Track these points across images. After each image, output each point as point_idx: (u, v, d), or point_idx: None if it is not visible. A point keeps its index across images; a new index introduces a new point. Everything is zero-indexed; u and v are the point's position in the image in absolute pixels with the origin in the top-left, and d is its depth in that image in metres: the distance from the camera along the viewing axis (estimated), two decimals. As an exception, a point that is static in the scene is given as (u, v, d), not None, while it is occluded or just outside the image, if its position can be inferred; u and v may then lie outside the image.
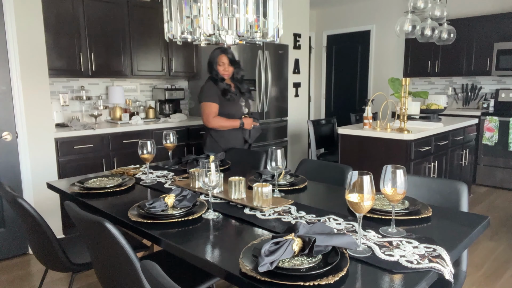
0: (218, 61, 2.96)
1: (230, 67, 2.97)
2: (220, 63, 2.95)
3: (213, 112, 2.94)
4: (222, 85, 2.95)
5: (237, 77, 3.06)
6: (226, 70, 2.96)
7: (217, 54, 2.97)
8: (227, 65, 2.96)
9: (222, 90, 2.94)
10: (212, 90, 2.95)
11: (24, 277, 2.80)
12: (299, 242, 1.13)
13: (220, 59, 2.95)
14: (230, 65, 2.96)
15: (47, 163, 3.18)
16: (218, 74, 2.96)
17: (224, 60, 2.95)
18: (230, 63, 2.96)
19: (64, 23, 3.46)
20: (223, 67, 2.95)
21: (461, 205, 1.74)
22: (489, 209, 4.22)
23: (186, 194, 1.63)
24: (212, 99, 2.93)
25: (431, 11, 3.93)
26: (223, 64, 2.95)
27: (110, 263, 1.45)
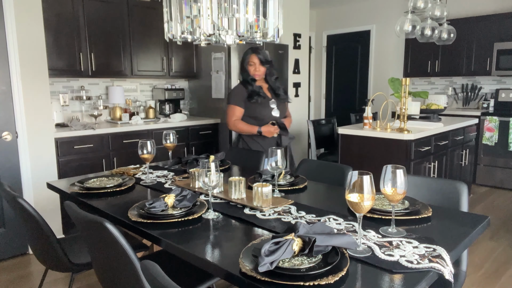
0: (249, 61, 2.83)
1: (261, 67, 2.82)
2: (251, 63, 2.83)
3: (235, 115, 2.84)
4: (251, 88, 2.82)
5: (270, 78, 2.91)
6: (257, 70, 2.82)
7: (248, 54, 2.84)
8: (258, 65, 2.82)
9: (249, 93, 2.81)
10: (239, 93, 2.85)
11: (24, 277, 2.80)
12: (299, 242, 1.13)
13: (251, 59, 2.82)
14: (262, 65, 2.82)
15: (47, 163, 3.18)
16: (249, 75, 2.84)
17: (254, 60, 2.81)
18: (262, 63, 2.82)
19: (64, 23, 3.46)
20: (254, 67, 2.82)
21: (461, 205, 1.74)
22: (489, 209, 4.22)
23: (186, 194, 1.63)
24: (237, 102, 2.83)
25: (431, 11, 3.93)
26: (254, 64, 2.82)
27: (110, 263, 1.45)
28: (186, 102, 4.84)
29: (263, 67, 2.83)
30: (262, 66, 2.82)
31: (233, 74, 4.27)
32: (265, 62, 2.82)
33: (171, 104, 4.51)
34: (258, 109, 2.81)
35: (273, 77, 2.92)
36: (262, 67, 2.83)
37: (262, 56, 2.82)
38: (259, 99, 2.80)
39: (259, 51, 2.82)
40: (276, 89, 2.92)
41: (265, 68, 2.84)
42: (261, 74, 2.85)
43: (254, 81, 2.84)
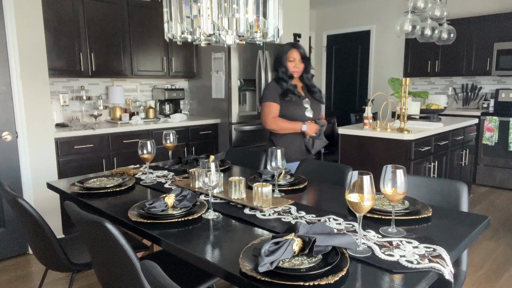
0: (288, 56, 2.65)
1: (301, 63, 2.66)
2: (291, 58, 2.65)
3: (272, 112, 2.66)
4: (285, 85, 2.65)
5: (306, 76, 2.75)
6: (297, 66, 2.65)
7: (288, 49, 2.66)
8: (299, 61, 2.65)
9: (283, 90, 2.64)
10: (273, 90, 2.68)
11: (24, 277, 2.80)
12: (299, 242, 1.13)
13: (291, 54, 2.64)
14: (302, 61, 2.66)
15: (47, 163, 3.18)
16: (287, 71, 2.65)
17: (295, 55, 2.64)
18: (302, 59, 2.65)
19: (64, 23, 3.46)
20: (294, 63, 2.65)
21: (461, 205, 1.74)
22: (489, 209, 4.22)
23: (186, 194, 1.63)
24: (272, 99, 2.66)
25: (431, 11, 3.93)
26: (294, 60, 2.64)
27: (110, 263, 1.45)
28: (186, 102, 4.84)
29: (303, 64, 2.68)
30: (302, 62, 2.67)
31: (233, 74, 4.27)
32: (305, 58, 2.68)
33: (171, 104, 4.51)
34: (291, 108, 2.65)
35: (309, 74, 2.76)
36: (302, 63, 2.67)
37: (303, 51, 2.67)
38: (293, 97, 2.63)
39: (300, 46, 2.67)
40: (312, 87, 2.76)
41: (304, 65, 2.69)
42: (300, 70, 2.69)
43: (291, 78, 2.68)
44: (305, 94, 2.73)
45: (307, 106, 2.68)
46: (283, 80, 2.66)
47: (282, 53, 2.67)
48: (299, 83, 2.75)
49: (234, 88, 4.31)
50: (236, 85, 4.33)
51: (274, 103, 2.65)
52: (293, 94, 2.64)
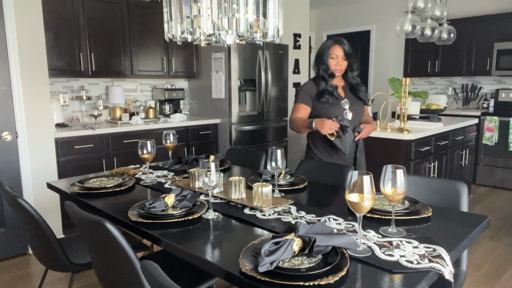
0: (330, 53, 2.43)
1: (344, 61, 2.44)
2: (333, 55, 2.43)
3: (296, 112, 2.48)
4: (323, 85, 2.44)
5: (351, 74, 2.51)
6: (340, 64, 2.43)
7: (330, 45, 2.44)
8: (341, 59, 2.43)
9: (320, 91, 2.44)
10: (307, 90, 2.49)
11: (24, 277, 2.80)
12: (299, 242, 1.13)
13: (333, 51, 2.42)
14: (345, 58, 2.44)
15: (47, 163, 3.18)
16: (328, 69, 2.43)
17: (338, 52, 2.42)
18: (345, 56, 2.43)
19: (64, 23, 3.46)
20: (336, 61, 2.43)
21: (461, 205, 1.74)
22: (489, 209, 4.22)
23: (186, 194, 1.63)
24: (302, 100, 2.48)
25: (431, 11, 3.93)
26: (337, 57, 2.42)
27: (110, 263, 1.45)
28: (186, 102, 4.84)
29: (346, 61, 2.46)
30: (346, 59, 2.45)
31: (233, 74, 4.28)
32: (349, 56, 2.45)
33: (171, 104, 4.51)
34: (328, 109, 2.44)
35: (354, 72, 2.52)
36: (345, 61, 2.45)
37: (348, 48, 2.44)
38: (330, 98, 2.42)
39: (344, 42, 2.44)
40: (355, 86, 2.52)
41: (347, 62, 2.46)
42: (343, 69, 2.47)
43: (332, 76, 2.46)
44: (346, 95, 2.50)
45: (346, 108, 2.45)
46: (323, 79, 2.46)
47: (323, 49, 2.46)
48: (341, 82, 2.54)
49: (234, 88, 4.31)
50: (236, 85, 4.33)
51: (302, 104, 2.48)
52: (330, 95, 2.42)
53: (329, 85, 2.44)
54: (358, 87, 2.52)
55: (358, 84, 2.53)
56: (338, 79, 2.52)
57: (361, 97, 2.52)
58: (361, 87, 2.54)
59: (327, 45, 2.46)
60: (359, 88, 2.53)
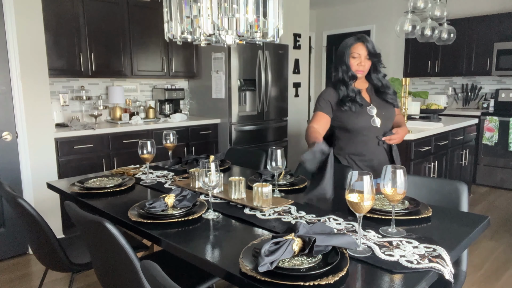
0: (351, 52, 2.16)
1: (367, 61, 2.17)
2: (354, 54, 2.16)
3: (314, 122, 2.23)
4: (343, 91, 2.18)
5: (376, 75, 2.23)
6: (362, 64, 2.16)
7: (351, 43, 2.18)
8: (364, 58, 2.16)
9: (341, 98, 2.17)
10: (326, 97, 2.23)
11: (24, 277, 2.80)
12: (299, 242, 1.13)
13: (355, 49, 2.15)
14: (369, 58, 2.17)
15: (47, 163, 3.18)
16: (349, 70, 2.17)
17: (360, 50, 2.15)
18: (369, 56, 2.16)
19: (64, 23, 3.46)
20: (358, 60, 2.16)
21: (461, 205, 1.74)
22: (489, 209, 4.22)
23: (186, 194, 1.63)
24: (321, 108, 2.23)
25: (431, 11, 3.93)
26: (359, 56, 2.15)
27: (110, 263, 1.45)
28: (186, 102, 4.84)
29: (370, 61, 2.18)
30: (369, 59, 2.18)
31: (233, 74, 4.28)
32: (373, 55, 2.17)
33: (171, 104, 4.51)
34: (350, 118, 2.17)
35: (379, 74, 2.24)
36: (369, 61, 2.18)
37: (371, 46, 2.16)
38: (353, 106, 2.15)
39: (367, 40, 2.17)
40: (382, 89, 2.23)
41: (371, 62, 2.19)
42: (366, 69, 2.20)
43: (353, 79, 2.19)
44: (371, 98, 2.23)
45: (373, 114, 2.18)
46: (343, 83, 2.19)
47: (344, 48, 2.20)
48: (365, 84, 2.27)
49: (234, 88, 4.31)
50: (236, 85, 4.33)
51: (321, 112, 2.23)
52: (352, 101, 2.15)
53: (351, 90, 2.17)
54: (385, 89, 2.23)
55: (384, 85, 2.24)
56: (361, 81, 2.25)
57: (389, 101, 2.23)
58: (388, 89, 2.24)
59: (348, 43, 2.19)
60: (386, 90, 2.23)
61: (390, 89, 2.24)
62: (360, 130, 2.19)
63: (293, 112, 5.34)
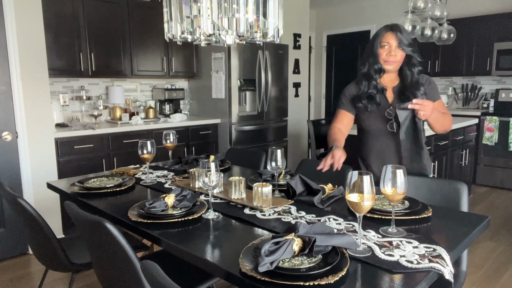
0: (381, 41, 1.93)
1: (399, 50, 1.91)
2: (383, 43, 1.92)
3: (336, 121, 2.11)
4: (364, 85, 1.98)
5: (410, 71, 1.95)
6: (392, 55, 1.91)
7: (381, 32, 1.94)
8: (395, 48, 1.90)
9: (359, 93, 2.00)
10: (347, 93, 2.09)
11: (24, 277, 2.80)
12: (299, 242, 1.13)
13: (384, 38, 1.92)
14: (400, 48, 1.90)
15: (47, 163, 3.18)
16: (376, 61, 1.94)
17: (390, 39, 1.90)
18: (401, 46, 1.90)
19: (64, 23, 3.46)
20: (388, 50, 1.91)
21: (461, 205, 1.74)
22: (489, 209, 4.22)
23: (186, 194, 1.63)
24: (342, 105, 2.10)
25: (431, 11, 3.93)
26: (389, 45, 1.91)
27: (110, 263, 1.45)
28: (186, 102, 4.84)
29: (402, 52, 1.92)
30: (400, 51, 1.92)
31: (233, 74, 4.28)
32: (407, 45, 1.91)
33: (171, 104, 4.51)
34: (365, 118, 2.02)
35: (413, 68, 1.95)
36: (400, 52, 1.92)
37: (404, 36, 1.91)
38: (368, 104, 1.95)
39: (399, 29, 1.92)
40: (410, 87, 1.94)
41: (403, 54, 1.93)
42: (397, 61, 1.93)
43: (380, 72, 1.96)
44: (396, 99, 1.97)
45: (390, 118, 1.96)
46: (366, 78, 1.98)
47: (374, 38, 1.96)
48: (395, 81, 2.01)
49: (234, 88, 4.31)
50: (236, 85, 4.33)
51: (342, 110, 2.11)
52: (369, 99, 1.95)
53: (373, 86, 1.95)
54: (412, 89, 1.92)
55: (413, 83, 1.94)
56: (391, 77, 2.00)
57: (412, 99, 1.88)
58: (417, 88, 1.92)
59: (379, 32, 1.96)
60: (414, 90, 1.92)
61: (420, 89, 1.92)
62: (376, 133, 2.01)
63: (293, 112, 5.34)
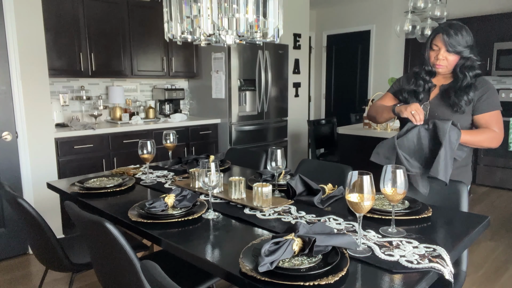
0: (432, 43, 1.88)
1: (450, 55, 1.84)
2: (434, 46, 1.88)
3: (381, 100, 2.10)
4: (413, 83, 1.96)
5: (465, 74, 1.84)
6: (440, 59, 1.85)
7: (433, 34, 1.90)
8: (444, 52, 1.84)
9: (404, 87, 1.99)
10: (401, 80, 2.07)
11: (24, 277, 2.80)
12: (299, 242, 1.13)
13: (435, 41, 1.86)
14: (450, 52, 1.83)
15: (47, 163, 3.18)
16: (426, 64, 1.91)
17: (439, 42, 1.84)
18: (450, 50, 1.82)
19: (64, 23, 3.46)
20: (436, 54, 1.87)
21: (461, 205, 1.74)
22: (489, 209, 4.22)
23: (186, 194, 1.63)
24: (392, 89, 2.09)
25: (431, 11, 3.94)
26: (438, 48, 1.86)
27: (110, 263, 1.45)
28: (186, 102, 4.85)
29: (453, 56, 1.84)
30: (451, 54, 1.84)
31: (233, 74, 4.28)
32: (460, 48, 1.83)
33: (171, 104, 4.51)
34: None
35: (469, 72, 1.85)
36: (451, 55, 1.84)
37: (454, 40, 1.82)
38: (409, 97, 1.94)
39: (452, 31, 1.83)
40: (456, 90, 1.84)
41: (456, 58, 1.85)
42: (446, 66, 1.87)
43: (430, 74, 1.93)
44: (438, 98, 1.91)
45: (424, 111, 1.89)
46: (416, 77, 1.96)
47: (428, 39, 1.92)
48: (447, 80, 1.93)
49: (234, 88, 4.31)
50: (236, 85, 4.33)
51: (390, 93, 2.08)
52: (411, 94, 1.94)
53: (419, 84, 1.93)
54: (457, 92, 1.83)
55: (464, 88, 1.83)
56: (446, 76, 1.94)
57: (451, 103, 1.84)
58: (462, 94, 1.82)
59: (432, 33, 1.92)
60: (458, 94, 1.83)
61: (469, 94, 1.82)
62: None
63: (293, 112, 5.34)
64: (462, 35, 1.85)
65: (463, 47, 1.84)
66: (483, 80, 1.91)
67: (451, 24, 1.88)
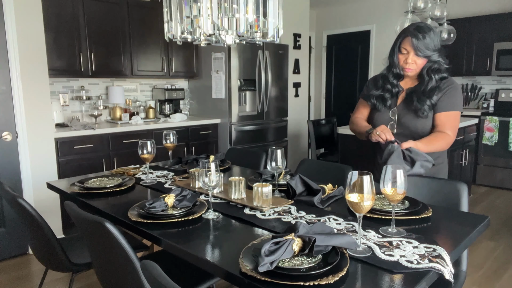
0: (400, 46, 1.88)
1: (417, 59, 1.85)
2: (402, 49, 1.88)
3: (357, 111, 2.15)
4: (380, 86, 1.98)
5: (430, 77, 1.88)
6: (409, 62, 1.86)
7: (401, 37, 1.89)
8: (413, 56, 1.85)
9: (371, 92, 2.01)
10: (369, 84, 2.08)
11: (24, 277, 2.80)
12: (299, 242, 1.13)
13: (404, 44, 1.87)
14: (418, 56, 1.84)
15: (47, 163, 3.18)
16: (395, 65, 1.91)
17: (408, 46, 1.85)
18: (419, 54, 1.84)
19: (64, 23, 3.46)
20: (405, 57, 1.87)
21: (461, 205, 1.74)
22: (489, 209, 4.22)
23: (186, 194, 1.63)
24: (363, 94, 2.11)
25: (431, 11, 3.94)
26: (406, 53, 1.87)
27: (110, 263, 1.45)
28: (186, 102, 4.85)
29: (422, 60, 1.86)
30: (419, 57, 1.85)
31: (233, 74, 4.28)
32: (428, 52, 1.84)
33: (171, 104, 4.51)
34: (373, 115, 2.04)
35: (435, 75, 1.88)
36: (420, 59, 1.86)
37: (423, 44, 1.82)
38: (378, 103, 1.97)
39: (421, 35, 1.82)
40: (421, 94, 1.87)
41: (425, 61, 1.87)
42: (414, 69, 1.89)
43: (398, 77, 1.94)
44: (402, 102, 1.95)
45: (392, 118, 1.96)
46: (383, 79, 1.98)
47: (396, 39, 1.92)
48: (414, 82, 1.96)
49: (234, 88, 4.32)
50: (236, 85, 4.33)
51: (362, 99, 2.12)
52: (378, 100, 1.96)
53: (387, 89, 1.95)
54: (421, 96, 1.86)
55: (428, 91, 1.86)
56: (412, 79, 1.97)
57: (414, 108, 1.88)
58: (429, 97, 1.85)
59: (400, 35, 1.90)
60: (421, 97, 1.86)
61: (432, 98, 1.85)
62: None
63: (293, 112, 5.34)
64: (431, 38, 1.85)
65: (432, 51, 1.86)
66: (449, 80, 1.94)
67: (420, 27, 1.86)
